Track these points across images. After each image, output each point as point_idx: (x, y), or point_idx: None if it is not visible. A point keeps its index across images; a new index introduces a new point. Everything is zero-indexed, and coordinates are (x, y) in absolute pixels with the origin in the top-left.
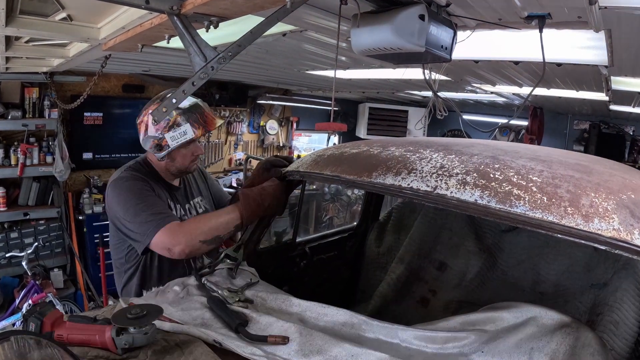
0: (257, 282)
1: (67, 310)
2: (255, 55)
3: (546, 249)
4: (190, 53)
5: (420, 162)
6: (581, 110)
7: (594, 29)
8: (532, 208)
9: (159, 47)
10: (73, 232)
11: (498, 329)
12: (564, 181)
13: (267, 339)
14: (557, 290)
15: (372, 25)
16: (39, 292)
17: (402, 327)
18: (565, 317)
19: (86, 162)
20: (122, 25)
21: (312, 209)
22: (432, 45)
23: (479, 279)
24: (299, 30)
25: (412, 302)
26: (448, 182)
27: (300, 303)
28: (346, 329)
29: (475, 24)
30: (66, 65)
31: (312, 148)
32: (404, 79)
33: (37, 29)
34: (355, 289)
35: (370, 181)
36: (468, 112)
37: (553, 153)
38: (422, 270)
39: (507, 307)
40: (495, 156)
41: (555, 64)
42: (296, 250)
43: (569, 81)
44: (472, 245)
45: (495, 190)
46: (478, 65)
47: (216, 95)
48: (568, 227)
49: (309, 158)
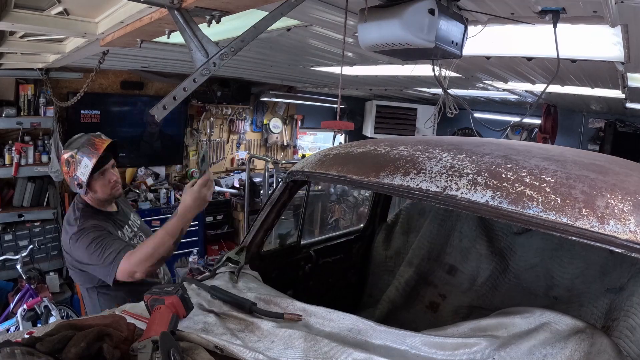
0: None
1: (64, 316)
2: (259, 50)
3: (560, 252)
4: (192, 49)
5: (430, 161)
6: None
7: (610, 23)
8: (545, 209)
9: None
10: None
11: (510, 335)
12: (578, 182)
13: (283, 315)
14: (571, 294)
15: (380, 20)
16: (34, 297)
17: (410, 333)
18: (579, 323)
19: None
20: (121, 20)
21: (317, 211)
22: (442, 41)
23: (490, 283)
24: (304, 25)
25: (421, 307)
26: (458, 183)
27: (305, 308)
28: (353, 334)
29: (487, 19)
30: (62, 62)
31: (318, 147)
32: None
33: (32, 24)
34: (362, 294)
35: (377, 181)
36: (479, 110)
37: (567, 152)
38: (431, 274)
39: (519, 312)
40: (508, 156)
41: (570, 60)
42: (301, 253)
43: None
44: (484, 248)
45: (507, 191)
46: (490, 61)
47: (218, 92)
48: (583, 229)
49: (314, 158)
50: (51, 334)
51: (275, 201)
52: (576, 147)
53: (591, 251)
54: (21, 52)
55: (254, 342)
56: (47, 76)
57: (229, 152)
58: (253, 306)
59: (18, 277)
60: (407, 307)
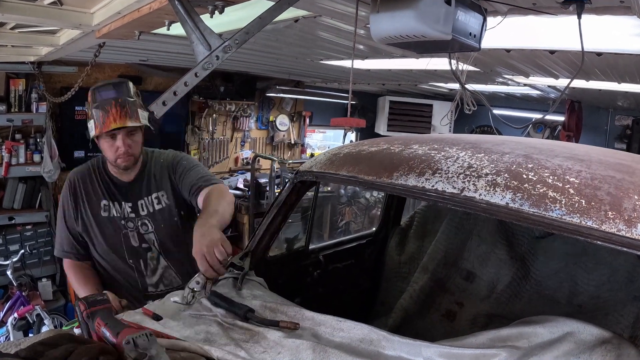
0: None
1: (57, 325)
2: (265, 43)
3: (584, 258)
4: (193, 41)
5: (446, 161)
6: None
7: (638, 14)
8: (569, 212)
9: (158, 34)
10: None
11: (532, 346)
12: (604, 182)
13: (278, 323)
14: (596, 302)
15: (394, 11)
16: (26, 304)
17: (425, 343)
18: (605, 333)
19: (78, 161)
20: (118, 10)
21: (326, 213)
22: (460, 33)
23: (510, 290)
24: (312, 16)
25: (436, 315)
26: (477, 184)
27: (313, 316)
28: (364, 345)
29: (507, 9)
30: (56, 55)
31: (327, 146)
32: (428, 70)
33: (24, 14)
34: (374, 301)
35: (390, 182)
36: (499, 107)
37: (592, 151)
38: (447, 280)
39: (541, 321)
40: (529, 155)
41: (595, 54)
42: (309, 259)
43: (610, 72)
44: (503, 253)
45: (528, 192)
46: (510, 54)
47: (221, 87)
48: (609, 233)
49: (323, 157)
50: (49, 343)
51: (282, 203)
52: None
53: (617, 256)
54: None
55: (260, 354)
56: (39, 70)
57: (232, 151)
58: (248, 313)
59: (8, 283)
60: (422, 315)
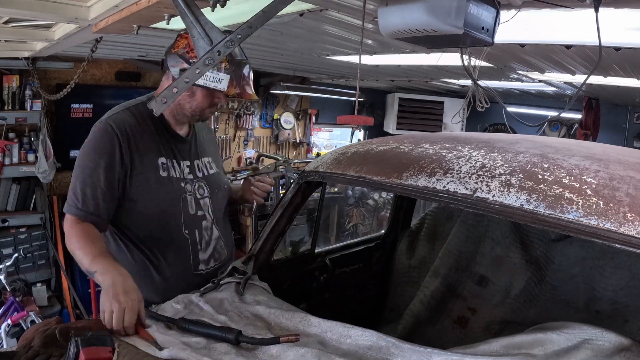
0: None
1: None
2: (268, 38)
3: (602, 261)
4: (194, 36)
5: (458, 161)
6: None
7: None
8: (586, 214)
9: (157, 28)
10: (59, 242)
11: (547, 353)
12: (623, 183)
13: (279, 340)
14: (614, 308)
15: (403, 4)
16: (20, 311)
17: (437, 350)
18: (624, 340)
19: (74, 161)
20: (115, 4)
21: (333, 215)
22: (472, 27)
23: (525, 296)
24: (318, 9)
25: (448, 321)
26: (490, 184)
27: (319, 323)
28: (373, 353)
29: (521, 2)
30: (51, 50)
31: (334, 145)
32: (439, 66)
33: (17, 8)
34: (383, 307)
35: (400, 183)
36: (513, 104)
37: (610, 151)
38: (459, 285)
39: (557, 327)
40: (544, 154)
41: (614, 49)
42: (315, 263)
43: (629, 68)
44: (517, 256)
45: (544, 193)
46: (524, 49)
47: None
48: (628, 235)
49: (330, 156)
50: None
51: (286, 205)
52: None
53: (637, 260)
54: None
55: None
56: (33, 66)
57: (235, 151)
58: (239, 336)
59: (1, 289)
60: (433, 322)
